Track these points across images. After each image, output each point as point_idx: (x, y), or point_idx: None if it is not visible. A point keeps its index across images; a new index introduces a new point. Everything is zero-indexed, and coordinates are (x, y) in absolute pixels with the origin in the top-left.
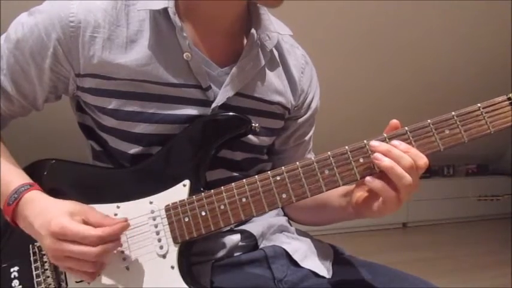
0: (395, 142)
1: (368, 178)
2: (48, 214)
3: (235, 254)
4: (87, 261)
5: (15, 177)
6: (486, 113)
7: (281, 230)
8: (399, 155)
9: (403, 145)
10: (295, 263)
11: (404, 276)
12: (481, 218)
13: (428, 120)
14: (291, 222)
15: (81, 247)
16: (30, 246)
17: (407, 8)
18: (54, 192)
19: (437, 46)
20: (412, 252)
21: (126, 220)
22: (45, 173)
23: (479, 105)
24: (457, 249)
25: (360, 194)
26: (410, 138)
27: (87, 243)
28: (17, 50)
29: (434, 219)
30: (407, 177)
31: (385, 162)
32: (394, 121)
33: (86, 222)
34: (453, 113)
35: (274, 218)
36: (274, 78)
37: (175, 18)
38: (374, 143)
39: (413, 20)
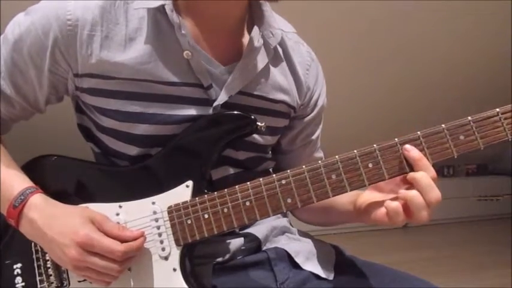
0: (407, 147)
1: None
2: (68, 222)
3: (238, 257)
4: (108, 274)
5: (17, 181)
6: (505, 119)
7: (283, 231)
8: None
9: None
10: (296, 265)
11: (405, 277)
12: (481, 218)
13: (443, 125)
14: (292, 223)
15: (107, 262)
16: (33, 243)
17: (407, 8)
18: (55, 189)
19: (438, 46)
20: (413, 252)
21: (142, 234)
22: (46, 170)
23: (497, 110)
24: (457, 249)
25: (365, 199)
26: (423, 144)
27: (112, 258)
28: (15, 51)
29: (434, 219)
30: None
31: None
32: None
33: (100, 231)
34: (469, 118)
35: (276, 219)
36: (279, 76)
37: (173, 15)
38: (408, 147)
39: (413, 19)
